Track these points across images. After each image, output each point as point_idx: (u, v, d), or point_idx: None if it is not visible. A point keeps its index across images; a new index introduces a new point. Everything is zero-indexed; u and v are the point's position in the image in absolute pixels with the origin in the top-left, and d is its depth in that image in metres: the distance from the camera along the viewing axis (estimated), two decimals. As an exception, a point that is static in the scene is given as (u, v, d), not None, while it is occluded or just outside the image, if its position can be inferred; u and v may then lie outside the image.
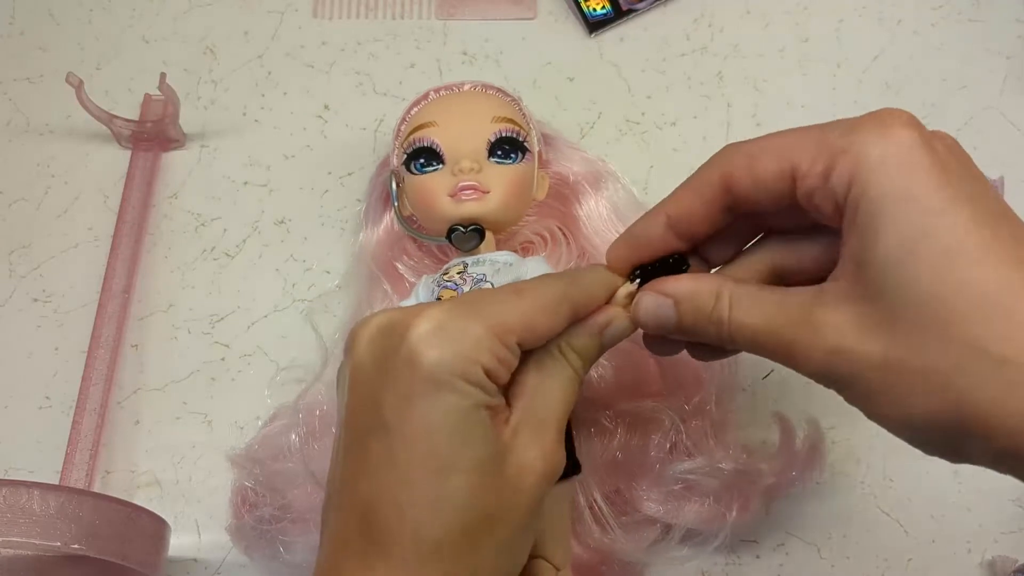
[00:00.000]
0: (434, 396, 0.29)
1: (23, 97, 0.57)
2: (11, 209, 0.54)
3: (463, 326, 0.30)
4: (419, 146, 0.44)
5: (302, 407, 0.45)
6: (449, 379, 0.29)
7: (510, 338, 0.31)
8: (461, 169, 0.43)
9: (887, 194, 0.27)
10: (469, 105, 0.46)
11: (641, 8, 0.58)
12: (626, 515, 0.43)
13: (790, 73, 0.57)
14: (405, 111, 0.47)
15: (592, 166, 0.49)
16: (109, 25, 0.59)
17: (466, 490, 0.29)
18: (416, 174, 0.44)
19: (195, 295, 0.51)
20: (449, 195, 0.43)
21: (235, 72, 0.57)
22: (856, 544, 0.46)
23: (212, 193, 0.54)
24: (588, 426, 0.42)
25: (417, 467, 0.29)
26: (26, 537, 0.38)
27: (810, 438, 0.44)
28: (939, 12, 0.58)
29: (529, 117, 0.47)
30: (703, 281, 0.33)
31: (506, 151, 0.44)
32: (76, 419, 0.47)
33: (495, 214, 0.43)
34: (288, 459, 0.44)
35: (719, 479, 0.42)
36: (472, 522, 0.29)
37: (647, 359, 0.43)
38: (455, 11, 0.59)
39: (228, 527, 0.45)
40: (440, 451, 0.29)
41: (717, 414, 0.44)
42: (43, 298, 0.52)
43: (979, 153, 0.56)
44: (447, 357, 0.29)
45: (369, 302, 0.47)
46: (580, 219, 0.48)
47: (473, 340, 0.30)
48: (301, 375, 0.48)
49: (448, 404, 0.29)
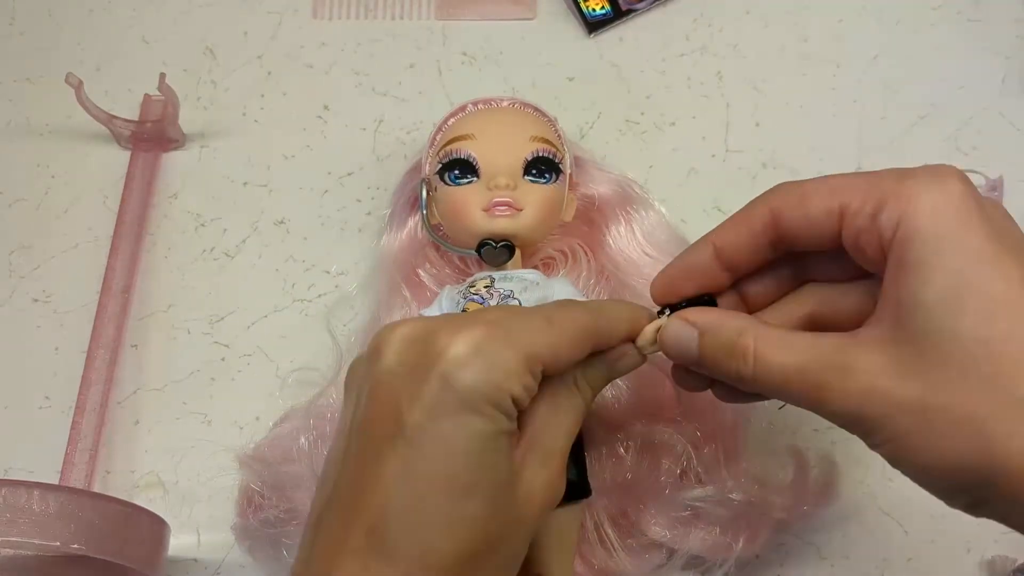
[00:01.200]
0: (463, 418, 0.29)
1: (23, 97, 0.57)
2: (11, 209, 0.54)
3: (500, 352, 0.30)
4: (455, 157, 0.44)
5: (313, 411, 0.45)
6: (481, 404, 0.29)
7: (537, 367, 0.31)
8: (497, 185, 0.43)
9: (938, 238, 0.28)
10: (508, 121, 0.46)
11: (641, 8, 0.58)
12: (631, 538, 0.42)
13: (790, 73, 0.57)
14: (442, 120, 0.47)
15: (621, 188, 0.49)
16: (109, 25, 0.59)
17: (481, 515, 0.29)
18: (450, 185, 0.44)
19: (195, 295, 0.51)
20: (483, 209, 0.43)
21: (235, 72, 0.57)
22: (856, 544, 0.46)
23: (212, 193, 0.54)
24: (600, 447, 0.42)
25: (435, 486, 0.29)
26: (26, 537, 0.38)
27: (824, 474, 0.44)
28: (939, 12, 0.58)
29: (564, 138, 0.47)
30: (730, 316, 0.33)
31: (541, 171, 0.44)
32: (76, 419, 0.47)
33: (526, 232, 0.43)
34: (296, 462, 0.44)
35: (728, 509, 0.42)
36: (481, 545, 0.29)
37: (664, 382, 0.43)
38: (455, 11, 0.59)
39: (233, 526, 0.45)
40: (460, 473, 0.29)
41: (731, 443, 0.43)
42: (43, 298, 0.52)
43: (979, 153, 0.56)
44: (482, 382, 0.29)
45: (388, 307, 0.47)
46: (606, 240, 0.48)
47: (507, 368, 0.30)
48: (312, 377, 0.48)
49: (475, 428, 0.29)
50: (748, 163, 0.54)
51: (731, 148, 0.55)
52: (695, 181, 0.54)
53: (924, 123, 0.55)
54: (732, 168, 0.54)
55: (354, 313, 0.50)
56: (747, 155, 0.55)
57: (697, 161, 0.55)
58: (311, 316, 0.51)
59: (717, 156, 0.55)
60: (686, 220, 0.52)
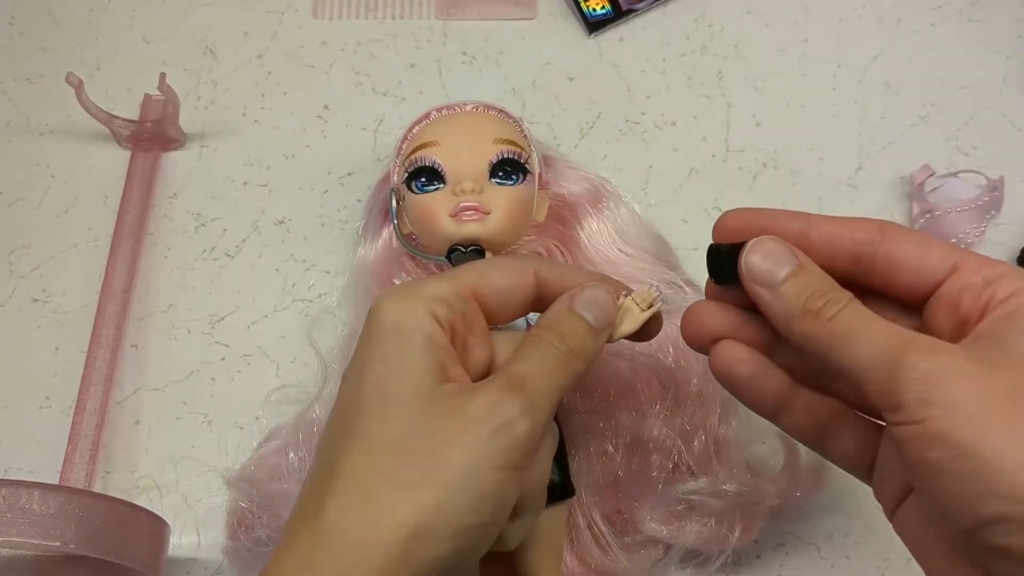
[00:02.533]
0: (386, 336, 0.31)
1: (23, 97, 0.57)
2: (11, 209, 0.54)
3: (416, 285, 0.32)
4: (420, 165, 0.44)
5: (302, 426, 0.44)
6: (400, 323, 0.31)
7: (465, 290, 0.32)
8: (463, 190, 0.43)
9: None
10: (471, 126, 0.46)
11: (641, 8, 0.58)
12: (627, 535, 0.43)
13: (790, 73, 0.57)
14: (407, 129, 0.47)
15: (592, 185, 0.49)
16: (109, 25, 0.59)
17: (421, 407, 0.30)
18: (417, 193, 0.44)
19: (195, 295, 0.51)
20: (450, 215, 0.43)
21: (235, 72, 0.57)
22: (856, 544, 0.46)
23: (212, 193, 0.54)
24: (588, 445, 0.42)
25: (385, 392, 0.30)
26: (26, 537, 0.38)
27: (814, 459, 0.44)
28: (939, 12, 0.58)
29: (530, 138, 0.47)
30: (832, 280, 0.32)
31: (507, 172, 0.44)
32: (76, 419, 0.47)
33: (495, 235, 0.43)
34: (285, 479, 0.43)
35: (722, 500, 0.42)
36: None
37: (650, 376, 0.43)
38: (455, 11, 0.59)
39: (224, 548, 0.45)
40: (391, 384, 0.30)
41: (721, 433, 0.43)
42: (43, 298, 0.52)
43: (979, 153, 0.56)
44: (396, 305, 0.31)
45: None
46: (580, 238, 0.48)
47: (424, 293, 0.31)
48: (295, 394, 0.48)
49: (397, 341, 0.31)
50: (748, 163, 0.54)
51: (731, 148, 0.55)
52: (695, 181, 0.54)
53: (924, 123, 0.55)
54: (732, 168, 0.54)
55: (338, 323, 0.50)
56: (747, 155, 0.55)
57: (697, 161, 0.55)
58: (311, 316, 0.51)
59: (717, 156, 0.55)
60: (686, 220, 0.52)
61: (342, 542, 0.28)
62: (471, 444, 0.29)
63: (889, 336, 0.29)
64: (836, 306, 0.30)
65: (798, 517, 0.46)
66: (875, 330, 0.29)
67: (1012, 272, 0.30)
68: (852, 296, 0.31)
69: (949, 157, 0.54)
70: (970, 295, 0.30)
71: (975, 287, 0.30)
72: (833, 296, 0.30)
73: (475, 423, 0.29)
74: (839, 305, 0.30)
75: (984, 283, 0.30)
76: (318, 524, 0.29)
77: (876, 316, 0.30)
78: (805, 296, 0.30)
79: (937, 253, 0.31)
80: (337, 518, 0.28)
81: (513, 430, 0.29)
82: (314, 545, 0.28)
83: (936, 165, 0.52)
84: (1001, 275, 0.30)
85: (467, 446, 0.29)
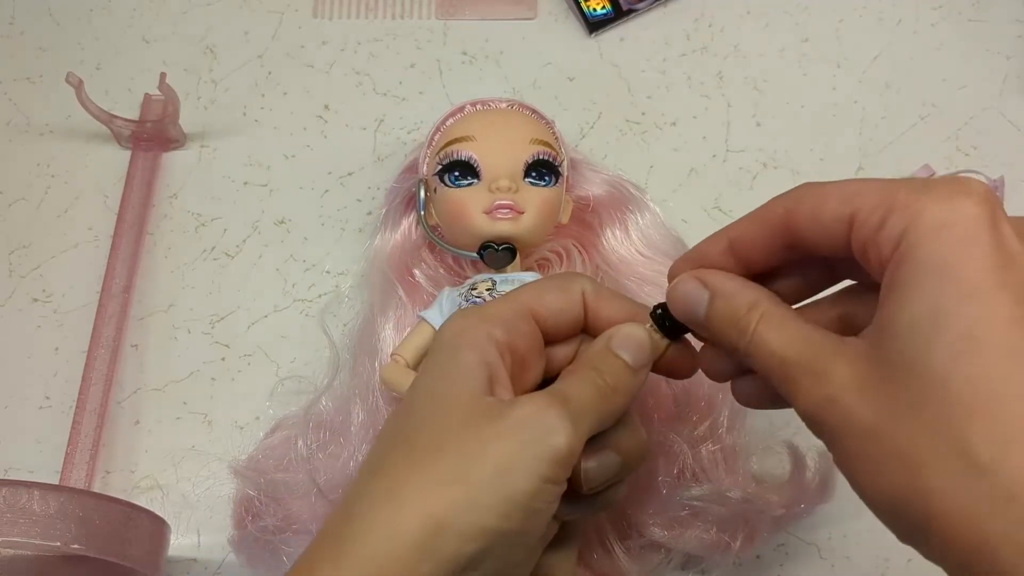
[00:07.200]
0: (446, 354, 0.32)
1: (23, 97, 0.57)
2: (11, 209, 0.54)
3: (477, 310, 0.33)
4: (456, 159, 0.44)
5: (311, 416, 0.45)
6: (461, 343, 0.31)
7: (525, 313, 0.33)
8: (499, 187, 0.43)
9: (930, 262, 0.25)
10: (508, 124, 0.46)
11: (641, 8, 0.58)
12: (630, 539, 0.42)
13: (790, 73, 0.57)
14: (440, 120, 0.47)
15: (615, 188, 0.49)
16: (109, 25, 0.59)
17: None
18: (450, 187, 0.44)
19: (195, 295, 0.51)
20: (484, 211, 0.43)
21: (235, 72, 0.57)
22: (856, 544, 0.46)
23: (212, 193, 0.54)
24: None
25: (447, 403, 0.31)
26: (26, 537, 0.38)
27: (821, 470, 0.44)
28: (939, 12, 0.58)
29: (562, 140, 0.47)
30: (746, 286, 0.32)
31: (541, 173, 0.44)
32: (76, 419, 0.47)
33: (527, 235, 0.43)
34: (292, 469, 0.43)
35: (726, 507, 0.42)
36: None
37: (659, 382, 0.43)
38: (455, 11, 0.59)
39: (230, 538, 0.45)
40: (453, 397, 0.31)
41: (728, 440, 0.43)
42: (43, 298, 0.52)
43: (979, 153, 0.56)
44: (459, 329, 0.32)
45: (383, 308, 0.46)
46: (600, 240, 0.48)
47: (484, 315, 0.32)
48: (301, 386, 0.48)
49: (454, 359, 0.31)
50: (748, 163, 0.54)
51: (731, 148, 0.55)
52: (695, 181, 0.54)
53: (924, 123, 0.55)
54: (732, 168, 0.54)
55: (353, 313, 0.50)
56: (747, 155, 0.55)
57: (697, 161, 0.55)
58: (311, 316, 0.51)
59: (717, 156, 0.55)
60: (687, 220, 0.52)
61: (370, 531, 0.29)
62: (507, 448, 0.29)
63: (785, 354, 0.29)
64: (755, 314, 0.30)
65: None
66: (786, 337, 0.29)
67: (898, 204, 0.27)
68: (767, 298, 0.31)
69: (949, 157, 0.54)
70: (871, 251, 0.28)
71: (871, 242, 0.27)
72: (747, 313, 0.30)
73: (514, 428, 0.30)
74: (758, 312, 0.30)
75: (875, 231, 0.27)
76: (351, 515, 0.30)
77: (789, 320, 0.30)
78: (727, 320, 0.31)
79: (831, 209, 0.29)
80: (369, 508, 0.29)
81: (551, 440, 0.29)
82: (345, 534, 0.29)
83: (936, 165, 0.52)
84: (887, 215, 0.27)
85: (503, 449, 0.29)
